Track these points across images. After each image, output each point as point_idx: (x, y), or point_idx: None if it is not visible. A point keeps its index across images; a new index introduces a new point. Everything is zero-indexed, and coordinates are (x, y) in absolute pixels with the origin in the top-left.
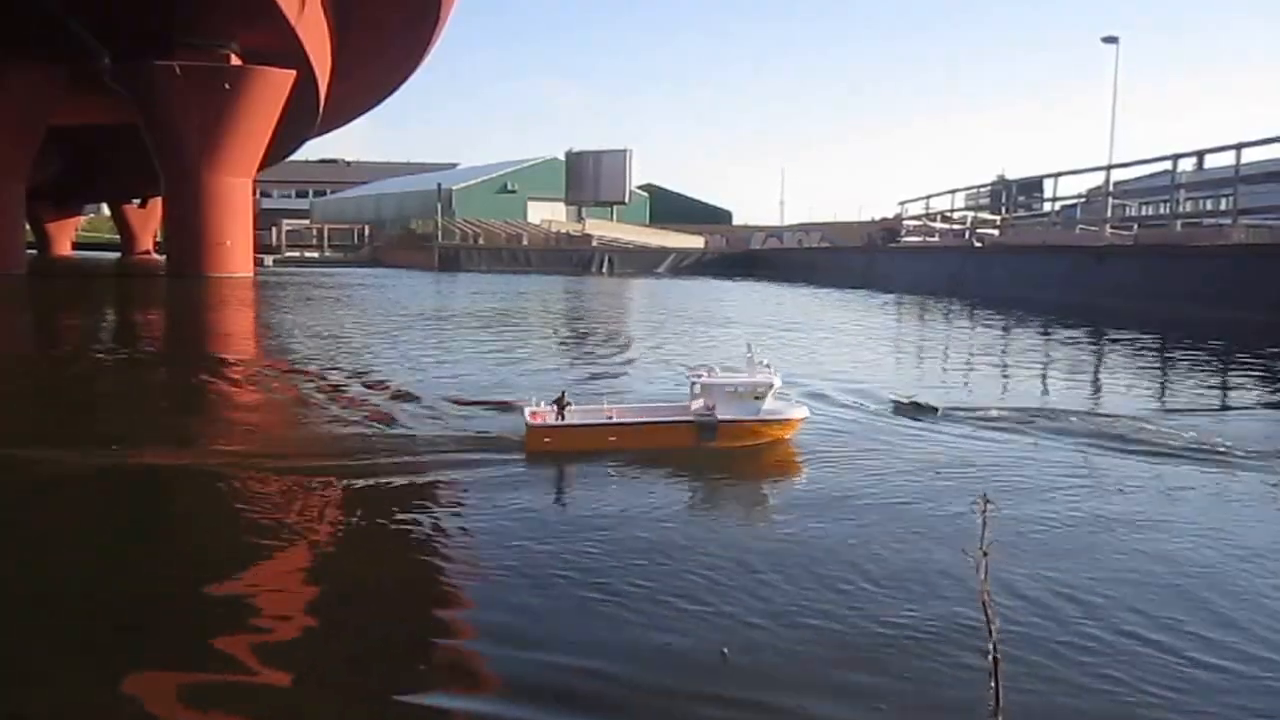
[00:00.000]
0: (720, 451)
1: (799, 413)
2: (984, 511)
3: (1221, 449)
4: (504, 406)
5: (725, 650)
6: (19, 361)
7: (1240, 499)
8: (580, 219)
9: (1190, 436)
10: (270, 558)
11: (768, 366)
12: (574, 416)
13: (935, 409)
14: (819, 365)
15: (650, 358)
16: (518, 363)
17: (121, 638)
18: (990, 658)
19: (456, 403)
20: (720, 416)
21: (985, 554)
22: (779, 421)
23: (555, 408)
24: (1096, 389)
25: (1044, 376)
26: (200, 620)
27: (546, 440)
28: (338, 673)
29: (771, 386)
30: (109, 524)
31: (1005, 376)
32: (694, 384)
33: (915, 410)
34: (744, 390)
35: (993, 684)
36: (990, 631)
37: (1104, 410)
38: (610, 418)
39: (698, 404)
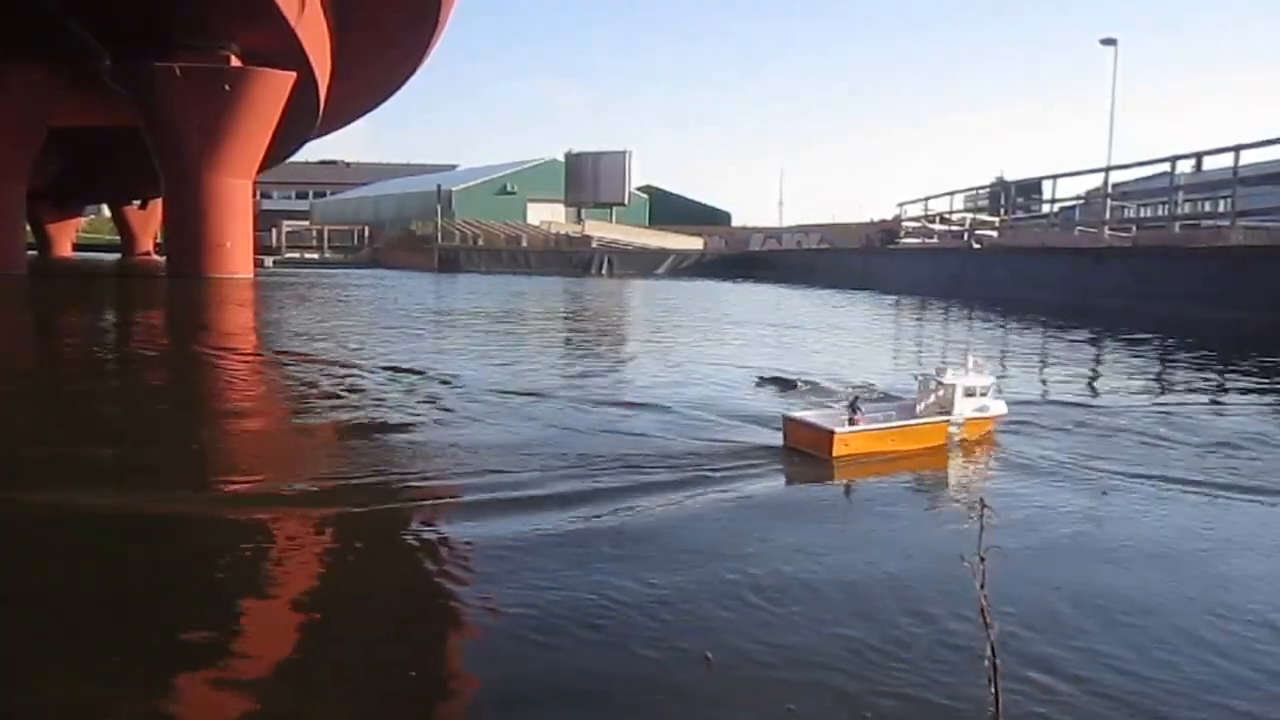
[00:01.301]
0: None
1: (1004, 407)
2: (981, 516)
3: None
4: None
5: (709, 655)
6: (19, 362)
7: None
8: (579, 220)
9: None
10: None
11: (985, 366)
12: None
13: (794, 383)
14: (833, 361)
15: (672, 358)
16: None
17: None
18: (989, 662)
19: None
20: (967, 414)
21: (983, 559)
22: (995, 415)
23: (849, 412)
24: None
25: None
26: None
27: (846, 445)
28: None
29: (992, 384)
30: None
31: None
32: (931, 383)
33: (777, 384)
34: (976, 389)
35: (992, 689)
36: (989, 636)
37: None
38: (888, 420)
39: (928, 401)
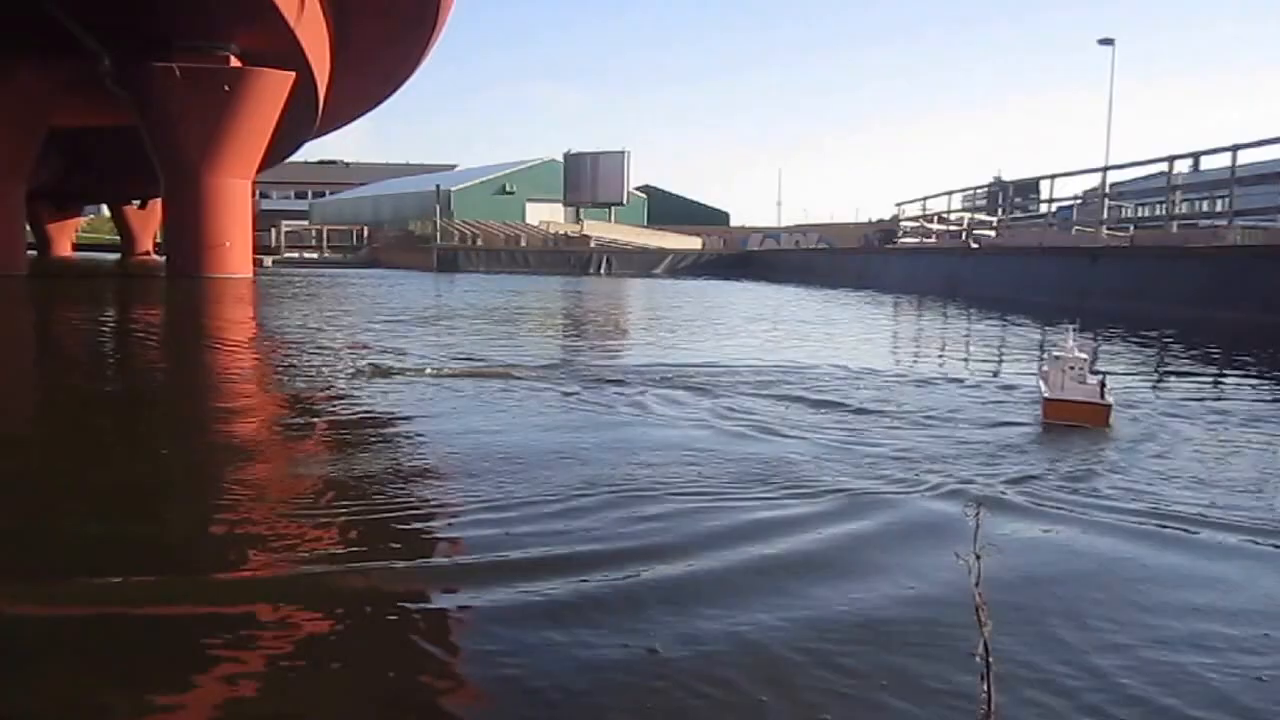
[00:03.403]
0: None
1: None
2: (977, 514)
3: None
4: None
5: (658, 647)
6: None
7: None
8: (578, 220)
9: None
10: None
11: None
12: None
13: (391, 369)
14: (837, 356)
15: (675, 355)
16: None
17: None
18: (982, 660)
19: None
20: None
21: (979, 557)
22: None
23: (1100, 386)
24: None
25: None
26: None
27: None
28: None
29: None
30: None
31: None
32: (1066, 359)
33: (379, 371)
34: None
35: (985, 688)
36: (983, 635)
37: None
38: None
39: (1056, 372)
